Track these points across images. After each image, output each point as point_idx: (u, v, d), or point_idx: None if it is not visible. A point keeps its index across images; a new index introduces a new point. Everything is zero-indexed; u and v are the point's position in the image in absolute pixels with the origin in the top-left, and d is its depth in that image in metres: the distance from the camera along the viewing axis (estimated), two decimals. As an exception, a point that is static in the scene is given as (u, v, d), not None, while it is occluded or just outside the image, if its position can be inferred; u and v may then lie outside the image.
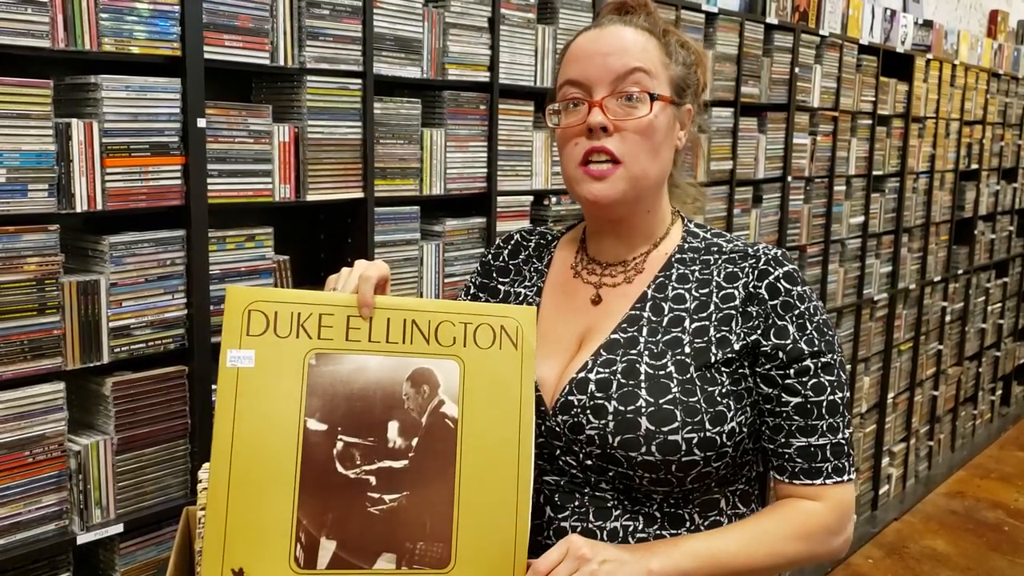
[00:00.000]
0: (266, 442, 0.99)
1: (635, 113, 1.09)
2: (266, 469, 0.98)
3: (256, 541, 0.97)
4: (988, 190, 5.14)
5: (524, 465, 1.04)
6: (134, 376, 1.70)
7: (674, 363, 1.07)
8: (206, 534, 0.97)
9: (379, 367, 1.03)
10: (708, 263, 1.14)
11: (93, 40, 1.58)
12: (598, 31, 1.13)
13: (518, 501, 1.03)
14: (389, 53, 2.05)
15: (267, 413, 0.99)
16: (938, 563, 3.83)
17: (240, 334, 1.01)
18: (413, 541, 1.00)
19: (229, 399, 0.99)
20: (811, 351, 1.07)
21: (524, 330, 1.07)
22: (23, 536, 1.58)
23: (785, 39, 3.30)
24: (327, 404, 1.01)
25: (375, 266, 1.07)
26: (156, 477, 1.74)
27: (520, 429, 1.04)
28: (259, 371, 1.00)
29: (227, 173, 1.78)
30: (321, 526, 0.99)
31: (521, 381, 1.06)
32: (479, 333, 1.06)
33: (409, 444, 1.02)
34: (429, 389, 1.04)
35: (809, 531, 1.07)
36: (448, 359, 1.05)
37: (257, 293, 1.03)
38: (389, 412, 1.02)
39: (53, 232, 1.57)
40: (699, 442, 1.03)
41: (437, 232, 2.25)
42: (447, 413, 1.03)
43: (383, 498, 1.00)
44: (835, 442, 1.09)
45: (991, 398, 5.63)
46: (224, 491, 0.97)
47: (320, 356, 1.02)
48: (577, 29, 2.43)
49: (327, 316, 1.03)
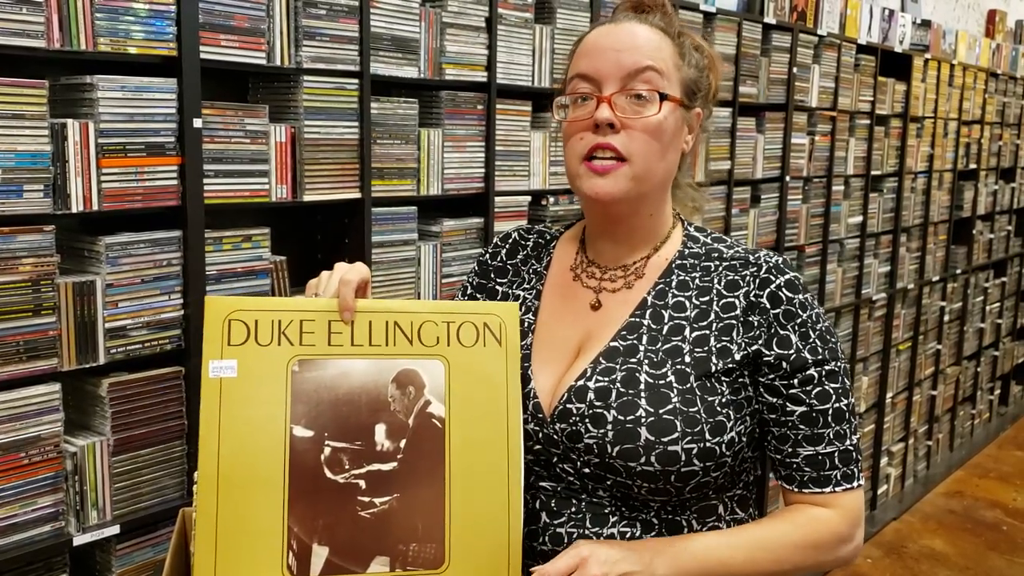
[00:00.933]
0: (253, 451, 0.98)
1: (644, 112, 1.07)
2: (254, 478, 0.98)
3: (248, 552, 0.97)
4: (986, 190, 5.14)
5: (514, 461, 1.03)
6: (130, 377, 1.69)
7: (674, 372, 1.06)
8: (197, 546, 0.96)
9: (363, 370, 1.02)
10: (709, 270, 1.13)
11: (88, 40, 1.57)
12: (612, 26, 1.11)
13: (510, 497, 1.03)
14: (386, 53, 2.04)
15: (252, 422, 0.99)
16: (937, 562, 3.83)
17: (221, 344, 1.00)
18: (406, 543, 1.00)
19: (213, 409, 0.99)
20: (814, 360, 1.07)
21: (507, 326, 1.07)
22: (19, 538, 1.58)
23: (783, 39, 3.30)
24: (312, 410, 1.00)
25: (355, 269, 1.06)
26: (152, 478, 1.74)
27: (508, 425, 1.04)
28: (242, 380, 1.00)
29: (223, 173, 1.78)
30: (312, 532, 0.98)
31: (507, 377, 1.05)
32: (462, 331, 1.06)
33: (397, 446, 1.01)
34: (415, 390, 1.03)
35: (820, 539, 1.07)
36: (433, 359, 1.04)
37: (237, 303, 1.03)
38: (375, 415, 1.02)
39: (49, 233, 1.57)
40: (699, 452, 1.02)
41: (435, 232, 2.24)
42: (434, 413, 1.03)
43: (373, 501, 1.00)
44: (843, 449, 1.08)
45: (989, 397, 5.63)
46: (213, 503, 0.97)
47: (303, 362, 1.01)
48: (575, 28, 2.44)
49: (308, 322, 1.03)
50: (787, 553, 1.05)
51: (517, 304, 1.10)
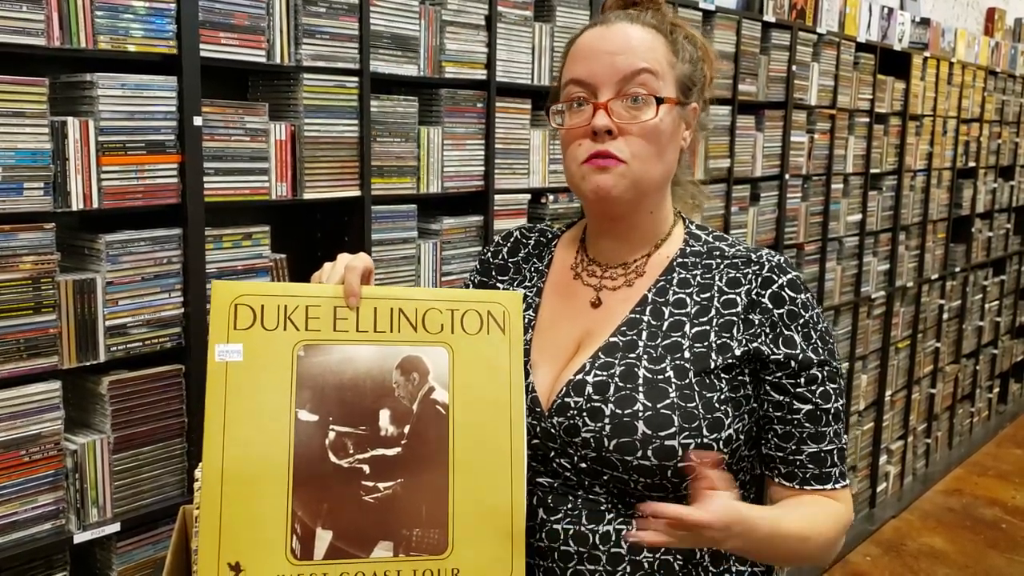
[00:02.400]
0: (258, 435, 0.99)
1: (641, 116, 1.07)
2: (259, 462, 0.98)
3: (252, 534, 0.97)
4: (985, 188, 5.14)
5: (517, 448, 1.04)
6: (130, 375, 1.69)
7: (673, 368, 1.06)
8: (201, 529, 0.97)
9: (368, 356, 1.03)
10: (710, 267, 1.13)
11: (89, 38, 1.57)
12: (604, 28, 1.10)
13: (513, 484, 1.03)
14: (386, 51, 2.04)
15: (258, 406, 0.99)
16: (936, 561, 3.83)
17: (227, 328, 1.01)
18: (409, 528, 1.00)
19: (219, 393, 0.99)
20: (818, 360, 1.08)
21: (511, 315, 1.08)
22: (19, 535, 1.58)
23: (782, 37, 3.30)
24: (317, 395, 1.01)
25: (359, 257, 1.06)
26: (153, 476, 1.74)
27: (511, 412, 1.05)
28: (248, 364, 1.00)
29: (223, 171, 1.78)
30: (316, 516, 0.98)
31: (510, 365, 1.06)
32: (466, 319, 1.06)
33: (401, 432, 1.02)
34: (419, 376, 1.04)
35: (841, 533, 1.08)
36: (437, 346, 1.05)
37: (243, 287, 1.03)
38: (380, 400, 1.02)
39: (49, 231, 1.57)
40: (695, 448, 1.03)
41: (434, 230, 2.24)
42: (438, 400, 1.03)
43: (377, 486, 1.00)
44: (839, 447, 1.10)
45: (988, 396, 5.63)
46: (218, 485, 0.97)
47: (308, 347, 1.02)
48: (575, 26, 2.44)
49: (314, 308, 1.03)
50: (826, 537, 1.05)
51: (521, 293, 1.11)
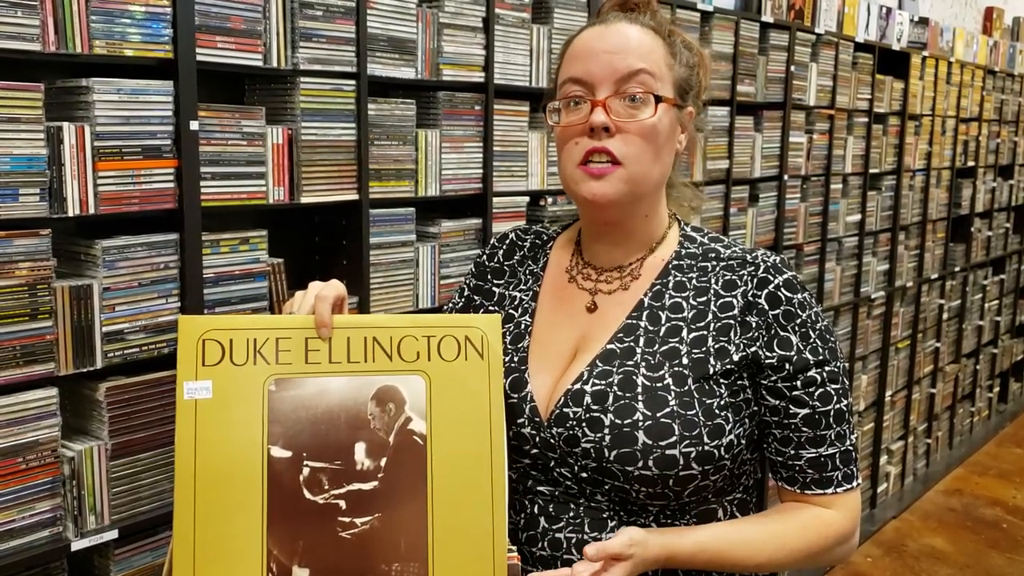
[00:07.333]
0: (230, 473, 0.97)
1: (638, 115, 1.06)
2: (232, 501, 0.96)
3: (227, 574, 0.95)
4: (984, 187, 5.14)
5: (498, 477, 1.02)
6: (128, 381, 1.68)
7: (672, 375, 1.05)
8: (176, 570, 0.95)
9: (342, 388, 1.01)
10: (706, 270, 1.12)
11: (84, 43, 1.57)
12: (603, 28, 1.10)
13: (494, 514, 1.01)
14: (383, 54, 2.04)
15: (229, 443, 0.97)
16: (937, 561, 3.83)
17: (195, 365, 0.99)
18: (388, 563, 0.98)
19: (189, 432, 0.97)
20: (816, 360, 1.06)
21: (489, 339, 1.04)
22: (17, 543, 1.57)
23: (781, 37, 3.29)
24: (290, 430, 0.99)
25: (331, 286, 1.04)
26: (151, 482, 1.73)
27: (491, 440, 1.02)
28: (218, 401, 0.98)
29: (220, 176, 1.77)
30: (292, 555, 0.97)
31: (489, 391, 1.03)
32: (443, 345, 1.04)
33: (378, 465, 1.00)
34: (395, 407, 1.01)
35: (825, 539, 1.07)
36: (413, 375, 1.02)
37: (211, 321, 1.01)
38: (355, 433, 1.00)
39: (45, 236, 1.56)
40: (697, 456, 1.02)
41: (433, 234, 2.24)
42: (415, 430, 1.01)
43: (354, 522, 0.98)
44: (843, 450, 1.08)
45: (989, 395, 5.63)
46: (190, 526, 0.95)
47: (280, 381, 1.00)
48: (572, 28, 2.43)
49: (284, 340, 1.01)
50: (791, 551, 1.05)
51: (499, 316, 1.08)
